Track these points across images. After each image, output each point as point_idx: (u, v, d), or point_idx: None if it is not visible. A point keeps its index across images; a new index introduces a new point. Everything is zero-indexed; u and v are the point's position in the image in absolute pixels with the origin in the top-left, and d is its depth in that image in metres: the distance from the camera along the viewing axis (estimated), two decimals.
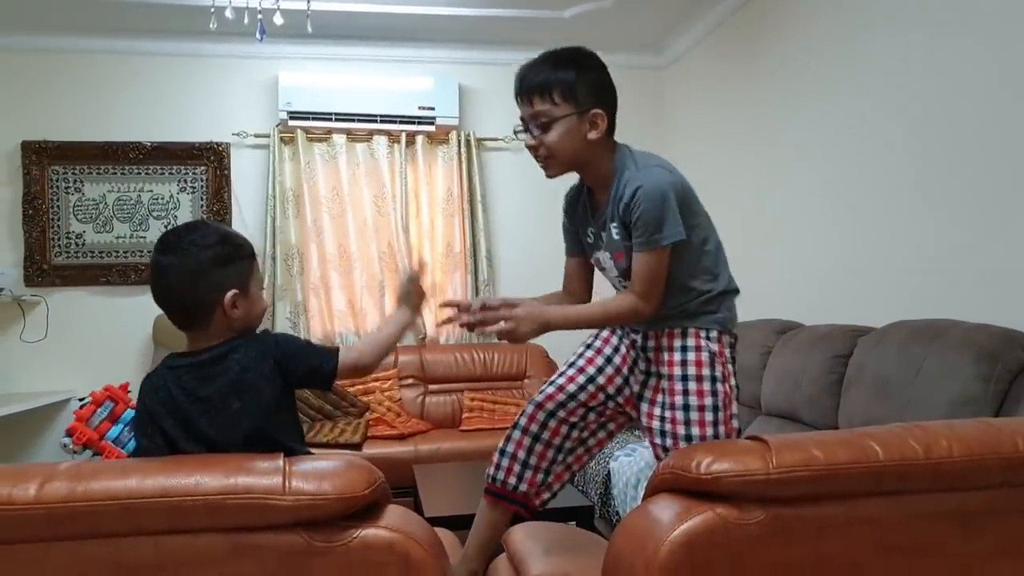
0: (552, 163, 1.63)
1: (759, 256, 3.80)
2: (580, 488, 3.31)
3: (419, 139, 4.58)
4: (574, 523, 2.31)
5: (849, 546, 1.05)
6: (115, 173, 4.35)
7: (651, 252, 1.56)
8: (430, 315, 4.60)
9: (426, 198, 4.64)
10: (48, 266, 4.26)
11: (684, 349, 1.65)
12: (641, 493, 2.67)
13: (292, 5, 3.21)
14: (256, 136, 4.46)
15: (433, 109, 4.50)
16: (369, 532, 0.96)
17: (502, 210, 4.76)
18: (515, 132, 1.64)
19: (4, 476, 0.89)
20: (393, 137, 4.54)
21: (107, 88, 4.37)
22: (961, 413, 2.06)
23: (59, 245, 4.29)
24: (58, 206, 4.29)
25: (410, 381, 4.36)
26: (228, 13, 3.00)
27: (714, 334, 1.66)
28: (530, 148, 1.62)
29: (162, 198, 4.39)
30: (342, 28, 4.33)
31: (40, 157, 4.25)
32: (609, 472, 3.04)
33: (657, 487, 1.16)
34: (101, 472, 0.91)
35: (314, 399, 3.95)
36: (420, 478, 2.95)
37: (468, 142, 4.62)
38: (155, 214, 4.38)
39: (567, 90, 1.56)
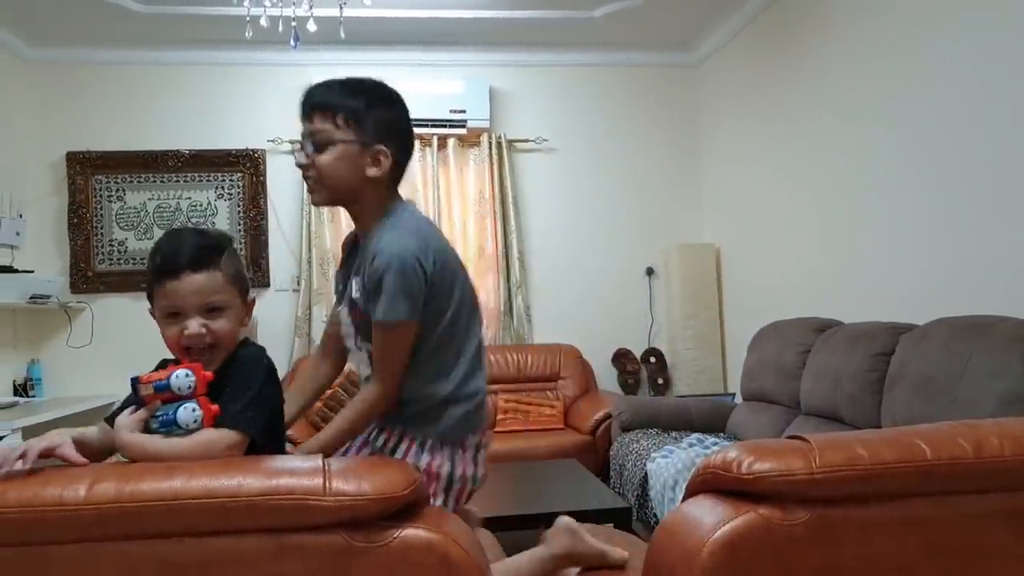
0: (319, 188, 1.47)
1: (795, 254, 3.74)
2: (617, 490, 3.29)
3: (451, 142, 4.60)
4: (611, 525, 2.29)
5: (898, 547, 1.02)
6: (155, 181, 4.44)
7: (380, 328, 1.41)
8: None
9: (458, 200, 4.66)
10: (92, 273, 4.36)
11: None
12: (679, 495, 2.65)
13: (325, 12, 3.25)
14: (291, 142, 4.51)
15: (464, 112, 4.52)
16: (409, 532, 0.96)
17: (534, 211, 4.76)
18: (292, 149, 1.52)
19: (55, 477, 0.91)
20: (425, 140, 4.57)
21: (146, 98, 4.47)
22: (1010, 412, 2.00)
23: (103, 252, 4.39)
24: (101, 214, 4.40)
25: None
26: (263, 21, 3.05)
27: (428, 445, 1.45)
28: (301, 167, 1.47)
29: (200, 205, 4.48)
30: (373, 33, 4.37)
31: (84, 167, 4.36)
32: (646, 474, 3.02)
33: (697, 488, 1.15)
34: (147, 473, 0.93)
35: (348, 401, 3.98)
36: None
37: (499, 144, 4.63)
38: (194, 220, 4.47)
39: (351, 116, 1.44)
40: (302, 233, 4.45)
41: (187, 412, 1.09)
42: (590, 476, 2.94)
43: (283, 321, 4.45)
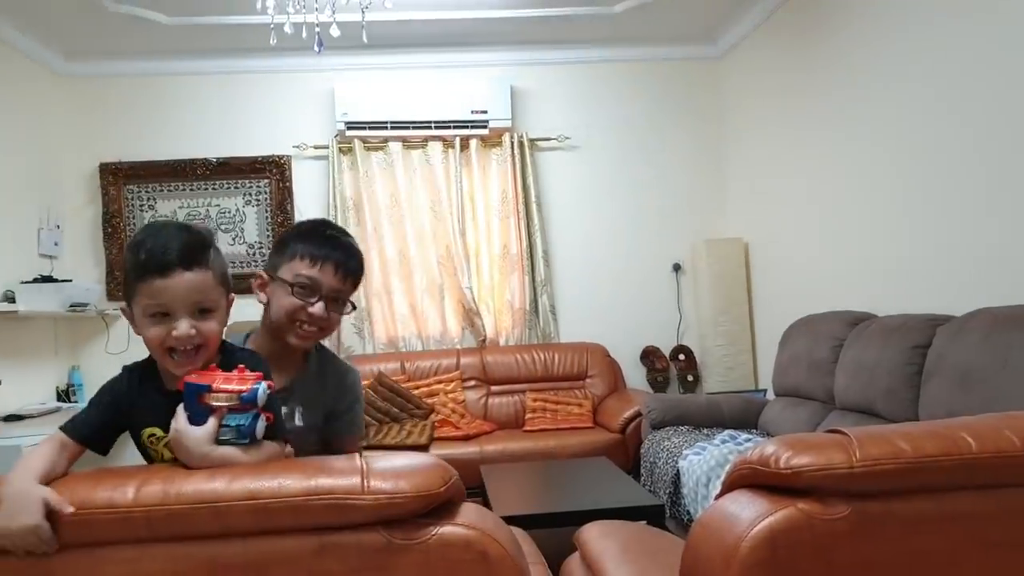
0: (317, 338, 1.56)
1: (825, 246, 3.69)
2: (648, 488, 3.27)
3: (473, 143, 4.61)
4: (645, 522, 2.28)
5: (943, 542, 1.01)
6: (184, 190, 4.52)
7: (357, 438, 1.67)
8: (489, 317, 4.63)
9: (481, 201, 4.67)
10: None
11: None
12: (713, 492, 2.63)
13: (347, 17, 3.27)
14: (315, 147, 4.57)
15: (486, 112, 4.53)
16: (447, 529, 0.97)
17: (557, 210, 4.75)
18: (309, 301, 1.49)
19: (104, 479, 0.93)
20: (447, 142, 4.59)
21: (174, 108, 4.54)
22: None
23: None
24: (134, 223, 4.48)
25: (473, 383, 4.39)
26: (287, 28, 3.08)
27: None
28: (321, 320, 1.50)
29: (229, 212, 4.54)
30: (395, 37, 4.40)
31: (116, 177, 4.45)
32: (678, 471, 3.00)
33: (734, 483, 1.14)
34: (192, 476, 0.95)
35: (380, 402, 4.01)
36: (488, 478, 2.96)
37: (521, 143, 4.63)
38: (223, 227, 4.53)
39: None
40: None
41: (262, 424, 1.11)
42: (621, 474, 2.93)
43: None
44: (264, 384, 1.11)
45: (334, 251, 1.52)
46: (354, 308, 1.62)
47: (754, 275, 4.53)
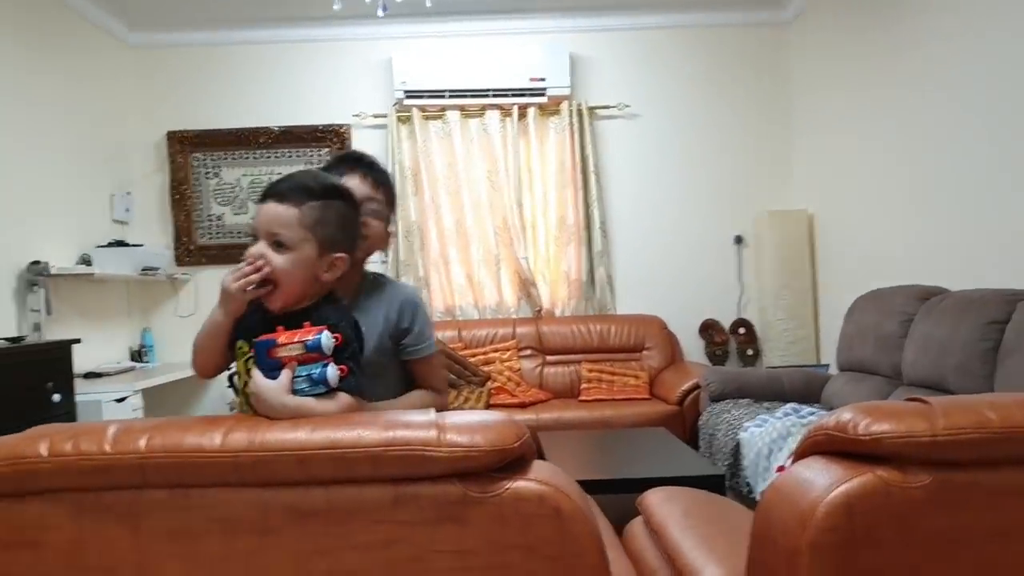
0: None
1: (894, 218, 3.57)
2: (707, 459, 3.25)
3: (531, 111, 4.58)
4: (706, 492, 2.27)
5: None
6: (247, 157, 4.61)
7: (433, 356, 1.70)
8: (545, 288, 4.63)
9: (538, 171, 4.65)
10: (194, 247, 4.59)
11: None
12: (774, 464, 2.60)
13: None
14: (374, 116, 4.60)
15: (544, 80, 4.49)
16: (520, 484, 0.98)
17: (616, 180, 4.70)
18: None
19: (192, 426, 0.97)
20: (505, 111, 4.56)
21: (238, 77, 4.63)
22: None
23: (202, 227, 4.61)
24: (200, 190, 4.60)
25: (528, 352, 4.41)
26: None
27: None
28: (367, 227, 1.58)
29: None
30: (454, 3, 4.38)
31: (183, 146, 4.57)
32: (738, 443, 2.97)
33: (808, 449, 1.12)
34: (275, 425, 0.98)
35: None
36: (545, 444, 2.98)
37: (580, 112, 4.58)
38: None
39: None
40: None
41: (333, 370, 1.13)
42: (681, 444, 2.91)
43: None
44: (327, 333, 1.13)
45: (357, 163, 1.60)
46: (391, 221, 1.66)
47: (819, 248, 4.42)
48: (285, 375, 1.12)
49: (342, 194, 1.35)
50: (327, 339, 1.13)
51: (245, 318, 1.26)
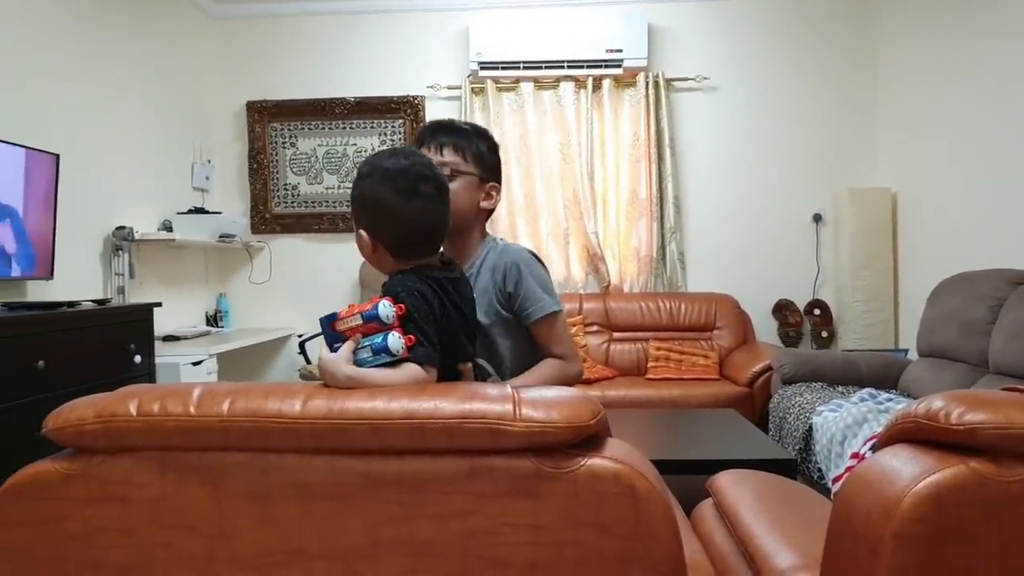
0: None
1: (984, 199, 3.38)
2: (777, 443, 3.18)
3: (605, 83, 4.50)
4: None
5: None
6: (323, 128, 4.69)
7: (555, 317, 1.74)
8: (614, 263, 4.58)
9: (611, 144, 4.58)
10: (270, 215, 4.71)
11: None
12: (848, 450, 2.52)
13: None
14: (449, 88, 4.60)
15: (621, 51, 4.40)
16: (595, 461, 0.97)
17: (691, 154, 4.59)
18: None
19: (274, 393, 0.99)
20: (579, 83, 4.50)
21: (316, 48, 4.69)
22: None
23: (278, 196, 4.72)
24: (276, 160, 4.71)
25: (595, 328, 4.39)
26: None
27: None
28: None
29: (365, 151, 4.68)
30: None
31: (261, 116, 4.68)
32: (811, 427, 2.89)
33: (894, 436, 1.08)
34: (352, 395, 1.00)
35: None
36: (613, 422, 2.96)
37: (656, 84, 4.47)
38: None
39: (478, 156, 1.64)
40: None
41: (395, 339, 1.13)
42: (751, 426, 2.85)
43: None
44: (385, 302, 1.14)
45: (425, 136, 1.65)
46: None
47: (902, 228, 4.22)
48: (347, 347, 1.13)
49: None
50: (384, 308, 1.14)
51: None
